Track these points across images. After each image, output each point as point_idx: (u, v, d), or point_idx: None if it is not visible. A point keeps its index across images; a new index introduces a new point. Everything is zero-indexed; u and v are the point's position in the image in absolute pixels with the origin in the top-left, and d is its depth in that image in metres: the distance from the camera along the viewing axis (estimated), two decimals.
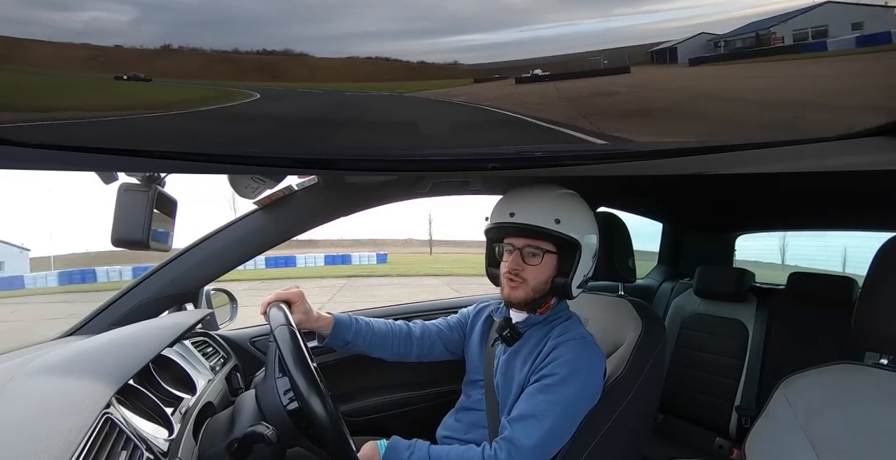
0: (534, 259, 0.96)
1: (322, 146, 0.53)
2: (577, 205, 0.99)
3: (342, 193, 1.20)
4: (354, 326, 1.05)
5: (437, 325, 1.16)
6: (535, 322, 1.01)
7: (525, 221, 0.94)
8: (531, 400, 0.90)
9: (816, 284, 1.70)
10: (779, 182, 1.36)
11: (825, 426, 0.76)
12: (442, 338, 1.14)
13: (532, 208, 0.95)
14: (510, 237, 0.98)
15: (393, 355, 1.10)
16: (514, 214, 0.95)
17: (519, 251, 0.97)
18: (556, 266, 0.97)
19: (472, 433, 1.03)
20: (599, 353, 0.97)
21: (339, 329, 1.03)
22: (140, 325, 0.92)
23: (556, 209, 0.94)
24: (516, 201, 0.97)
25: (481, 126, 0.49)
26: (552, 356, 0.93)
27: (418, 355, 1.12)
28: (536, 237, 0.95)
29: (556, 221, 0.93)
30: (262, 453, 0.79)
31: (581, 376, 0.92)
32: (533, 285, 0.97)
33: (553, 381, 0.90)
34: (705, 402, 1.82)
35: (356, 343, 1.05)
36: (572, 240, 0.94)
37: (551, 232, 0.93)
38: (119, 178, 0.90)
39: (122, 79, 0.40)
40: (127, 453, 0.56)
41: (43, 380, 0.62)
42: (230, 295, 1.35)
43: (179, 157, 0.52)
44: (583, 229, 0.96)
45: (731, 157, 0.49)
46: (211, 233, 1.18)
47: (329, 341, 1.03)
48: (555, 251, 0.96)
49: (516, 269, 0.96)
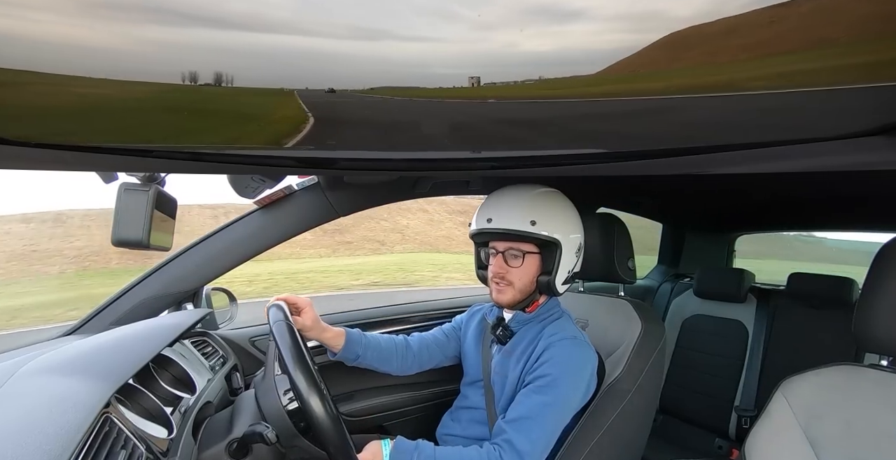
0: (515, 261, 0.98)
1: (322, 146, 0.53)
2: (554, 204, 0.99)
3: (342, 194, 1.20)
4: (364, 340, 1.07)
5: (434, 336, 1.18)
6: (527, 320, 1.02)
7: (501, 226, 0.95)
8: (526, 402, 0.91)
9: (816, 285, 1.70)
10: (778, 182, 1.37)
11: (825, 427, 0.76)
12: (440, 347, 1.16)
13: (508, 212, 0.96)
14: (493, 241, 1.00)
15: (397, 369, 1.12)
16: (491, 220, 0.96)
17: (501, 254, 0.99)
18: (540, 265, 0.98)
19: (471, 429, 1.04)
20: (591, 351, 0.98)
21: (351, 342, 1.05)
22: (139, 325, 0.92)
23: (531, 211, 0.95)
24: (493, 206, 0.98)
25: (481, 126, 0.49)
26: (544, 356, 0.93)
27: (419, 367, 1.15)
28: (515, 240, 0.97)
29: (531, 223, 0.94)
30: (261, 452, 0.79)
31: (574, 376, 0.93)
32: (519, 287, 0.99)
33: (546, 382, 0.91)
34: (705, 403, 1.83)
35: (366, 357, 1.07)
36: (551, 240, 0.95)
37: (527, 234, 0.94)
38: (119, 178, 0.90)
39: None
40: (126, 452, 0.56)
41: (42, 380, 0.62)
42: (230, 294, 1.35)
43: (179, 157, 0.52)
44: (561, 227, 0.97)
45: (730, 157, 0.49)
46: (211, 233, 1.18)
47: (341, 355, 1.05)
48: (536, 251, 0.98)
49: (500, 273, 0.98)
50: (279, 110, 0.41)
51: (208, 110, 0.40)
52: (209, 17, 0.33)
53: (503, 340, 1.02)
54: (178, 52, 0.34)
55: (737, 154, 0.48)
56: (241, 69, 0.37)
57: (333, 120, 0.45)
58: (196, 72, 0.35)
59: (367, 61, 0.38)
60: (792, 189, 1.47)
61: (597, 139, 0.49)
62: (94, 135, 0.44)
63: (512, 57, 0.37)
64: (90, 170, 0.69)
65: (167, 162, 0.55)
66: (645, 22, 0.36)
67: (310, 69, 0.38)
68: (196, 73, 0.35)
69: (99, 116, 0.40)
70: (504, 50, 0.37)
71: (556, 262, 0.96)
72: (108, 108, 0.39)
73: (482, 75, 0.38)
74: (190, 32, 0.33)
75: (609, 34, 0.36)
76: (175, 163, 0.54)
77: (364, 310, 1.55)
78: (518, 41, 0.36)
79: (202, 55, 0.35)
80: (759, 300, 1.84)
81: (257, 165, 0.72)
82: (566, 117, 0.44)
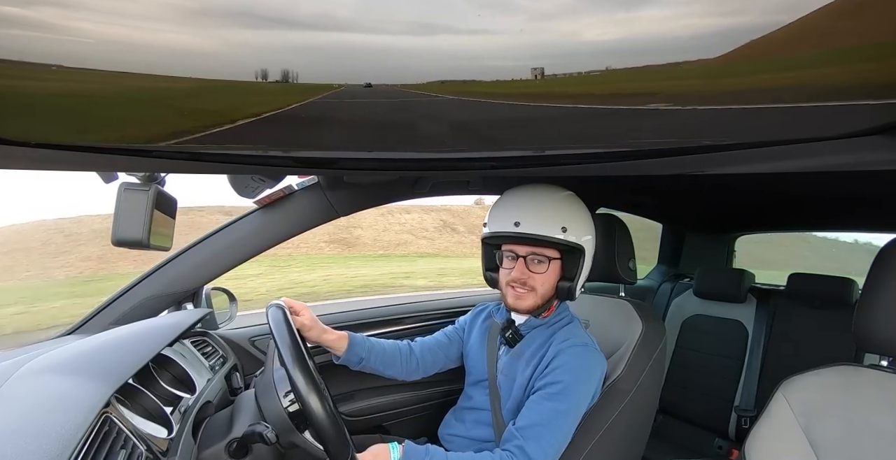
0: (540, 267, 0.94)
1: (322, 146, 0.53)
2: (579, 209, 0.97)
3: (342, 193, 1.20)
4: (367, 344, 1.05)
5: (436, 339, 1.16)
6: (537, 324, 1.01)
7: (531, 231, 0.90)
8: (538, 409, 0.90)
9: (816, 285, 1.70)
10: (778, 182, 1.36)
11: (825, 427, 0.76)
12: (442, 350, 1.15)
13: (538, 217, 0.91)
14: (512, 244, 0.96)
15: (401, 373, 1.10)
16: (519, 224, 0.91)
17: (523, 259, 0.94)
18: (561, 271, 0.96)
19: (476, 430, 1.03)
20: (601, 359, 0.97)
21: (354, 345, 1.03)
22: (139, 325, 0.92)
23: (561, 216, 0.92)
24: (520, 209, 0.93)
25: (481, 125, 0.48)
26: (555, 363, 0.92)
27: (424, 371, 1.13)
28: (541, 245, 0.93)
29: (563, 230, 0.90)
30: (260, 452, 0.79)
31: (585, 383, 0.92)
32: (541, 293, 0.96)
33: (558, 390, 0.90)
34: (704, 403, 1.83)
35: (370, 360, 1.05)
36: (577, 246, 0.93)
37: (559, 241, 0.91)
38: (119, 178, 0.90)
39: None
40: (126, 452, 0.56)
41: (42, 380, 0.62)
42: (230, 294, 1.35)
43: (179, 157, 0.52)
44: (585, 232, 0.95)
45: (730, 157, 0.49)
46: (210, 233, 1.18)
47: (344, 358, 1.03)
48: (559, 257, 0.95)
49: (522, 278, 0.94)
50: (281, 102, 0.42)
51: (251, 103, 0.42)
52: (283, 18, 0.36)
53: (512, 343, 1.01)
54: (254, 50, 0.37)
55: (737, 154, 0.48)
56: (302, 67, 0.39)
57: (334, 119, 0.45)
58: (266, 69, 0.38)
59: (423, 56, 0.38)
60: (792, 189, 1.47)
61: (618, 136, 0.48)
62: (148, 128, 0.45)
63: (576, 46, 0.37)
64: (90, 170, 0.69)
65: (167, 162, 0.55)
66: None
67: (365, 65, 0.39)
68: (266, 70, 0.38)
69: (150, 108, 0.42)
70: (565, 40, 0.37)
71: (580, 268, 0.94)
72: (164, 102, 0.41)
73: (545, 66, 0.38)
74: (265, 34, 0.37)
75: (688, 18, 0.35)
76: (175, 163, 0.54)
77: (364, 310, 1.55)
78: (580, 30, 0.36)
79: (271, 54, 0.38)
80: (758, 300, 1.83)
81: (257, 165, 0.72)
82: (579, 115, 0.44)
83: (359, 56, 0.38)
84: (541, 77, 0.38)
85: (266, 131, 0.45)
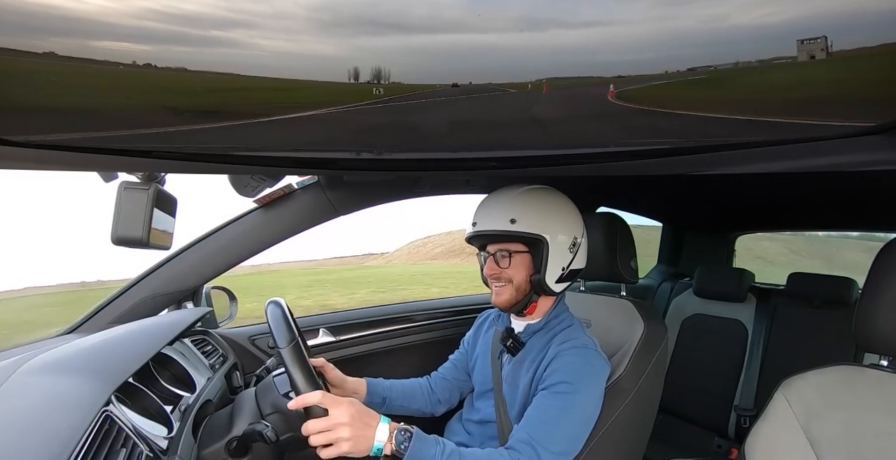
0: (504, 261, 0.98)
1: (322, 146, 0.53)
2: (537, 201, 0.98)
3: (342, 193, 1.20)
4: (384, 383, 1.09)
5: (447, 369, 1.19)
6: (536, 329, 1.01)
7: (483, 228, 0.96)
8: (541, 407, 0.89)
9: (816, 284, 1.70)
10: (778, 182, 1.36)
11: (825, 427, 0.76)
12: (455, 379, 1.17)
13: (488, 214, 0.97)
14: (488, 245, 1.01)
15: (428, 406, 1.14)
16: (475, 223, 0.98)
17: (492, 256, 0.99)
18: (531, 264, 0.98)
19: (488, 444, 1.01)
20: (603, 362, 0.96)
21: (373, 386, 1.06)
22: (140, 323, 0.92)
23: (511, 210, 0.95)
24: (478, 210, 1.00)
25: (481, 125, 0.48)
26: (555, 363, 0.92)
27: (448, 404, 1.16)
28: (503, 240, 0.97)
29: (511, 222, 0.94)
30: (260, 451, 0.79)
31: (588, 384, 0.91)
32: (516, 284, 0.98)
33: (561, 389, 0.89)
34: (704, 402, 1.83)
35: (392, 398, 1.08)
36: (535, 237, 0.95)
37: (508, 233, 0.94)
38: (119, 177, 0.90)
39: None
40: (126, 451, 0.56)
41: (43, 378, 0.62)
42: (230, 293, 1.35)
43: (179, 157, 0.52)
44: (546, 223, 0.96)
45: (730, 157, 0.49)
46: (210, 232, 1.18)
47: (367, 401, 1.04)
48: (525, 250, 0.98)
49: (493, 274, 0.99)
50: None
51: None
52: (398, 23, 0.39)
53: (514, 351, 1.01)
54: (373, 54, 0.41)
55: (736, 154, 0.48)
56: (402, 65, 0.41)
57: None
58: (357, 68, 0.41)
59: (531, 53, 0.40)
60: (792, 189, 1.47)
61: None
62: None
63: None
64: (90, 170, 0.69)
65: (167, 162, 0.55)
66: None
67: (469, 65, 0.41)
68: (379, 70, 0.41)
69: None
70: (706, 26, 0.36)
71: (544, 260, 0.96)
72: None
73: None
74: (384, 39, 0.40)
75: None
76: (175, 163, 0.54)
77: (363, 310, 1.55)
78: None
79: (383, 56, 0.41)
80: (758, 300, 1.84)
81: (257, 165, 0.72)
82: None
83: (466, 57, 0.40)
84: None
85: (329, 129, 0.48)
